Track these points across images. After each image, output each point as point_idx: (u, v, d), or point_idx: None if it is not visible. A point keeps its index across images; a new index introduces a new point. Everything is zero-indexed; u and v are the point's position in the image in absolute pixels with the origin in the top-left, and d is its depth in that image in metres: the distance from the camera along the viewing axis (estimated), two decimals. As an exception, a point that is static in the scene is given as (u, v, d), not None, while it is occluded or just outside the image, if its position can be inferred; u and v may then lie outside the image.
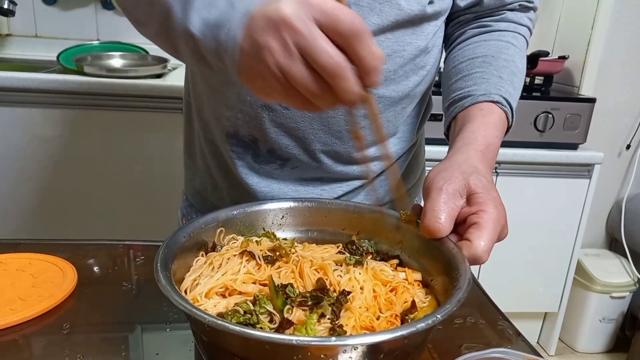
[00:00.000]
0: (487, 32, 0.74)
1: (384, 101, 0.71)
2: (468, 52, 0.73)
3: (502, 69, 0.69)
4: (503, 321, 0.61)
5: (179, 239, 0.53)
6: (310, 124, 0.69)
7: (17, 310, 0.55)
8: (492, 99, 0.66)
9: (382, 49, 0.59)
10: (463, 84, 0.70)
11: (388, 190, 0.80)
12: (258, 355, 0.42)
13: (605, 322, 2.02)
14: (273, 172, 0.75)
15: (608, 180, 2.12)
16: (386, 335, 0.40)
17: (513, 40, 0.73)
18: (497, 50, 0.71)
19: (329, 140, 0.70)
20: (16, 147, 1.57)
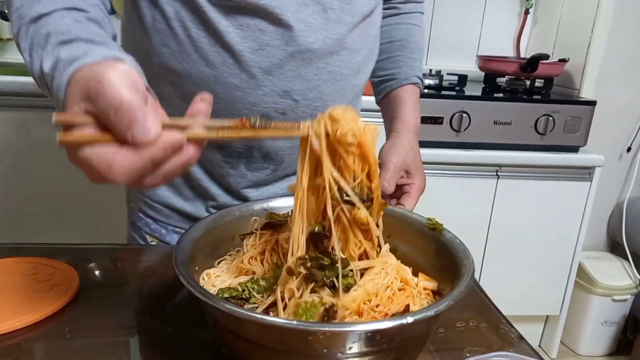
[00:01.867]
0: (397, 15, 0.92)
1: (355, 89, 0.77)
2: (385, 35, 0.89)
3: (413, 50, 0.90)
4: (505, 325, 0.61)
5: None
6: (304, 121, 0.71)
7: (20, 314, 0.55)
8: (411, 81, 0.88)
9: (356, 44, 0.70)
10: (388, 65, 0.89)
11: None
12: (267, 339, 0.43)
13: (607, 325, 2.01)
14: (264, 180, 0.77)
15: (609, 183, 2.12)
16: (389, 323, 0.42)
17: (416, 21, 0.93)
18: (407, 34, 0.91)
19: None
20: (17, 151, 1.58)
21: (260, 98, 0.69)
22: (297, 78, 0.69)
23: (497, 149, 1.73)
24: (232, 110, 0.70)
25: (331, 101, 0.73)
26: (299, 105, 0.71)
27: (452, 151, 1.70)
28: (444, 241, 0.57)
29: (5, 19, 1.82)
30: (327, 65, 0.70)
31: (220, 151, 0.74)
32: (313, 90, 0.71)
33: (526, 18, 2.16)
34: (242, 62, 0.66)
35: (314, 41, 0.67)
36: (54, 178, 1.61)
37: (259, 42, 0.66)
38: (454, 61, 2.18)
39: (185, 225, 0.81)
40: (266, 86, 0.68)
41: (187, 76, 0.68)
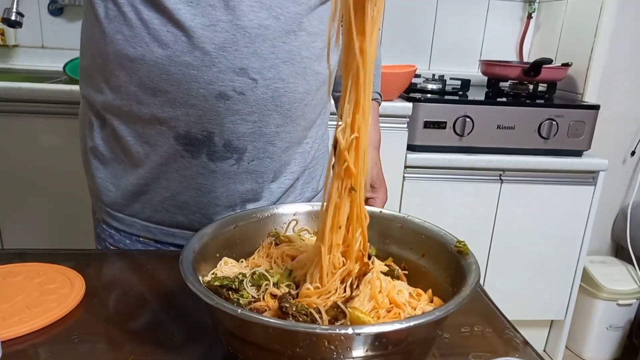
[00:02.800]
0: None
1: (318, 77, 0.76)
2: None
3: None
4: (510, 330, 0.61)
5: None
6: (264, 105, 0.71)
7: (26, 320, 0.55)
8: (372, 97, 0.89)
9: (314, 27, 0.71)
10: None
11: (321, 177, 0.90)
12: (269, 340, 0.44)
13: (613, 330, 2.00)
14: (229, 171, 0.74)
15: (613, 187, 2.12)
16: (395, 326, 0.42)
17: None
18: None
19: (282, 121, 0.74)
20: (22, 157, 1.58)
21: (215, 76, 0.67)
22: (252, 55, 0.68)
23: (501, 154, 1.73)
24: (188, 91, 0.68)
25: (292, 84, 0.72)
26: (257, 85, 0.69)
27: (455, 156, 1.70)
28: (464, 265, 0.55)
29: (12, 26, 1.83)
30: (283, 44, 0.69)
31: (178, 142, 0.72)
32: (271, 70, 0.69)
33: (529, 23, 2.17)
34: (194, 39, 0.66)
35: (266, 17, 0.67)
36: (58, 184, 1.62)
37: (210, 17, 0.65)
38: (456, 66, 2.18)
39: (148, 234, 0.79)
40: (221, 63, 0.67)
41: (142, 60, 0.68)
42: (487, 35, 2.20)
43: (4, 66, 1.99)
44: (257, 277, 0.53)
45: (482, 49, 2.21)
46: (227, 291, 0.52)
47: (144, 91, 0.70)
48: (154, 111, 0.71)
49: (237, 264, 0.59)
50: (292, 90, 0.72)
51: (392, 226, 0.65)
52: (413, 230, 0.63)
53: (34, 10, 1.96)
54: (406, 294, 0.53)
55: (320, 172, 0.89)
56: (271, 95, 0.71)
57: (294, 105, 0.74)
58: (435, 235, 0.61)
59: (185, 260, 0.51)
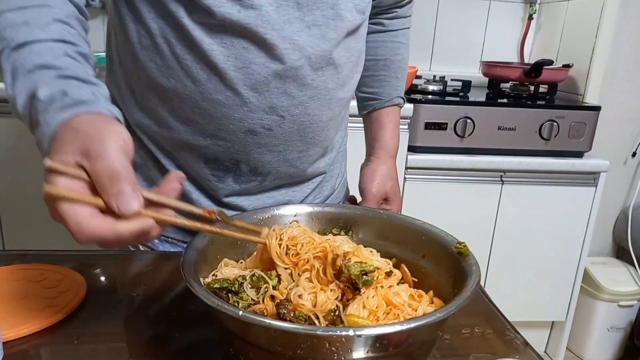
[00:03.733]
0: (384, 32, 0.94)
1: (342, 102, 0.78)
2: (371, 51, 0.92)
3: (397, 69, 0.94)
4: (511, 331, 0.61)
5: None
6: (290, 137, 0.73)
7: (28, 321, 0.55)
8: (393, 102, 0.94)
9: (341, 58, 0.72)
10: (372, 84, 0.94)
11: (338, 176, 0.91)
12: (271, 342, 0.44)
13: (614, 331, 2.00)
14: (252, 189, 0.78)
15: (614, 188, 2.12)
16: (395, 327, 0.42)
17: (403, 39, 0.96)
18: (393, 52, 0.94)
19: (304, 147, 0.76)
20: (25, 157, 1.59)
21: (246, 114, 0.69)
22: (282, 95, 0.69)
23: (502, 155, 1.73)
24: (219, 126, 0.70)
25: (317, 115, 0.73)
26: (285, 121, 0.71)
27: (456, 157, 1.71)
28: (464, 266, 0.55)
29: None
30: (312, 82, 0.70)
31: (207, 165, 0.75)
32: (299, 106, 0.71)
33: (530, 24, 2.17)
34: (226, 80, 0.66)
35: (298, 58, 0.67)
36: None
37: (243, 60, 0.66)
38: (457, 67, 2.19)
39: (176, 235, 0.81)
40: (252, 103, 0.68)
41: (174, 91, 0.69)
42: (488, 36, 2.20)
43: (5, 67, 2.00)
44: (257, 279, 0.54)
45: (483, 50, 2.21)
46: (226, 294, 0.52)
47: (175, 118, 0.72)
48: (183, 137, 0.73)
49: (237, 265, 0.60)
50: (317, 121, 0.74)
51: (393, 227, 0.65)
52: (413, 231, 0.63)
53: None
54: (404, 295, 0.53)
55: (338, 171, 0.90)
56: (297, 128, 0.72)
57: (317, 133, 0.76)
58: (436, 237, 0.61)
59: (186, 262, 0.51)
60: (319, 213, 0.68)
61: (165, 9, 0.64)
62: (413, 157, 1.69)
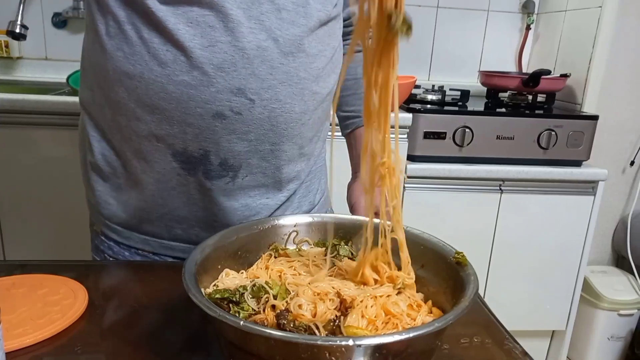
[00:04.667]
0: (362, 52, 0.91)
1: (316, 97, 0.77)
2: (351, 71, 0.93)
3: None
4: (510, 340, 0.61)
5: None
6: (261, 124, 0.72)
7: (29, 331, 0.56)
8: None
9: (313, 49, 0.72)
10: (354, 102, 0.95)
11: (318, 191, 0.90)
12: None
13: (614, 340, 2.00)
14: (224, 188, 0.75)
15: (613, 197, 2.12)
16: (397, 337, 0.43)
17: None
18: None
19: (277, 139, 0.74)
20: (26, 167, 1.59)
21: (213, 96, 0.68)
22: (250, 76, 0.68)
23: (500, 164, 1.74)
24: (185, 110, 0.69)
25: (289, 104, 0.72)
26: (254, 105, 0.70)
27: (455, 166, 1.71)
28: (463, 276, 0.55)
29: (16, 39, 1.86)
30: (281, 66, 0.70)
31: (175, 159, 0.73)
32: (269, 90, 0.70)
33: (527, 34, 2.19)
34: (193, 59, 0.66)
35: (265, 39, 0.68)
36: (61, 195, 1.63)
37: (209, 38, 0.66)
38: (456, 77, 2.20)
39: (147, 246, 0.80)
40: (219, 83, 0.67)
41: (140, 78, 0.68)
42: (486, 46, 2.22)
43: (8, 78, 2.01)
44: (257, 289, 0.54)
45: (481, 59, 2.23)
46: (227, 304, 0.53)
47: (142, 108, 0.71)
48: (151, 128, 0.71)
49: (238, 276, 0.60)
50: (288, 111, 0.73)
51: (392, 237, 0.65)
52: (412, 242, 0.63)
53: (37, 23, 1.98)
54: (403, 305, 0.53)
55: (317, 186, 0.89)
56: (268, 115, 0.71)
57: (290, 125, 0.74)
58: (434, 247, 0.62)
59: (187, 272, 0.51)
60: (319, 223, 0.69)
61: (133, 2, 0.66)
62: (412, 167, 1.70)
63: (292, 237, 0.67)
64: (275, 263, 0.62)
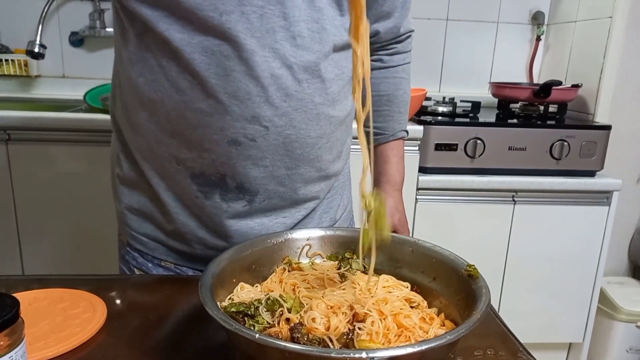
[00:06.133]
0: (385, 68, 0.95)
1: (333, 121, 0.76)
2: (373, 87, 0.93)
3: (400, 104, 0.97)
4: (523, 353, 0.61)
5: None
6: (276, 150, 0.72)
7: (50, 344, 0.57)
8: (397, 137, 0.97)
9: (329, 74, 0.72)
10: (376, 119, 0.96)
11: (339, 207, 0.90)
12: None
13: (633, 353, 1.96)
14: (241, 210, 0.76)
15: (628, 207, 2.10)
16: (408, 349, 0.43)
17: (404, 74, 0.97)
18: (394, 88, 0.96)
19: (292, 164, 0.75)
20: (44, 183, 1.63)
21: (228, 123, 0.69)
22: (264, 104, 0.69)
23: (513, 175, 1.73)
24: (202, 136, 0.70)
25: (304, 130, 0.72)
26: (269, 132, 0.70)
27: (467, 177, 1.71)
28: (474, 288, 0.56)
29: (35, 57, 1.91)
30: (296, 93, 0.70)
31: (193, 181, 0.75)
32: (283, 117, 0.70)
33: (538, 45, 2.19)
34: (208, 88, 0.67)
35: (278, 67, 0.68)
36: (78, 210, 1.66)
37: (223, 68, 0.67)
38: (467, 88, 2.21)
39: (170, 258, 0.82)
40: (234, 111, 0.68)
41: (161, 103, 0.70)
42: (496, 57, 2.22)
43: (26, 96, 2.06)
44: (272, 302, 0.55)
45: (492, 71, 2.24)
46: (243, 317, 0.54)
47: (163, 132, 0.73)
48: (171, 150, 0.74)
49: (253, 289, 0.61)
50: (304, 136, 0.73)
51: (404, 250, 0.66)
52: (424, 254, 0.64)
53: (55, 42, 2.03)
54: (415, 318, 0.54)
55: (339, 202, 0.89)
56: (282, 141, 0.72)
57: (307, 150, 0.75)
58: (446, 259, 0.62)
59: (203, 286, 0.53)
60: (331, 237, 0.70)
61: (150, 22, 0.67)
62: (424, 178, 1.70)
63: (305, 251, 0.68)
64: (289, 277, 0.63)
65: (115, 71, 0.79)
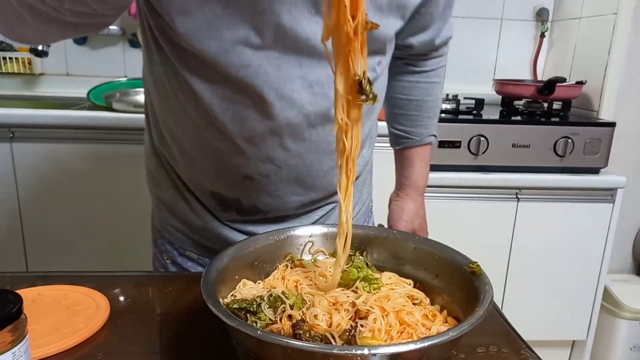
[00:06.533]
0: (418, 73, 0.92)
1: None
2: (405, 91, 0.92)
3: (429, 109, 0.93)
4: (526, 350, 0.61)
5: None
6: (288, 183, 0.75)
7: (53, 341, 0.58)
8: (425, 142, 0.95)
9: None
10: (404, 122, 0.94)
11: (357, 204, 0.91)
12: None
13: (637, 351, 1.96)
14: (256, 220, 0.80)
15: (632, 204, 2.09)
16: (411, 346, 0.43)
17: (437, 78, 0.94)
18: (425, 93, 0.92)
19: (304, 192, 0.77)
20: (48, 181, 1.63)
21: (243, 162, 0.72)
22: (278, 147, 0.71)
23: (517, 172, 1.73)
24: (218, 169, 0.74)
25: (317, 165, 0.74)
26: (282, 170, 0.73)
27: (471, 174, 1.71)
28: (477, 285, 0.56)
29: (39, 55, 1.91)
30: (310, 137, 0.71)
31: (212, 197, 0.79)
32: (296, 158, 0.72)
33: (542, 42, 2.18)
34: (224, 131, 0.70)
35: (295, 116, 0.68)
36: (82, 208, 1.66)
37: (240, 115, 0.68)
38: (470, 85, 2.20)
39: (195, 251, 0.85)
40: (248, 153, 0.71)
41: (182, 135, 0.74)
42: (500, 54, 2.21)
43: (30, 94, 2.07)
44: (274, 299, 0.55)
45: (495, 68, 2.23)
46: (245, 314, 0.54)
47: (184, 157, 0.77)
48: (192, 171, 0.78)
49: (255, 286, 0.61)
50: (316, 170, 0.75)
51: (407, 247, 0.66)
52: (427, 251, 0.64)
53: (59, 40, 2.03)
54: (418, 314, 0.54)
55: (356, 200, 0.89)
56: (295, 177, 0.74)
57: (318, 180, 0.77)
58: (449, 256, 0.62)
59: (206, 283, 0.53)
60: (334, 234, 0.69)
61: (174, 65, 0.68)
62: (427, 176, 1.69)
63: (308, 248, 0.68)
64: (292, 273, 0.63)
65: (149, 102, 0.82)
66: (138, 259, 1.69)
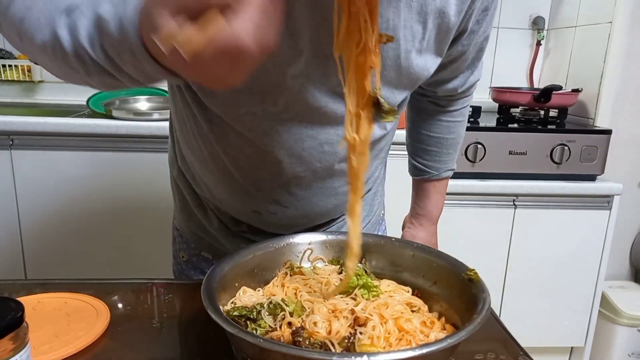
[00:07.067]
0: (442, 113, 0.90)
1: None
2: (425, 126, 0.92)
3: (449, 146, 0.93)
4: (523, 356, 0.61)
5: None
6: (295, 219, 0.77)
7: (54, 348, 0.58)
8: (442, 177, 0.96)
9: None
10: (422, 155, 0.94)
11: (366, 216, 0.91)
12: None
13: (634, 357, 1.96)
14: (265, 234, 0.82)
15: (629, 211, 2.10)
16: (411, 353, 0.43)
17: (460, 117, 0.92)
18: (448, 131, 0.91)
19: (311, 222, 0.80)
20: (47, 188, 1.64)
21: (251, 202, 0.75)
22: (286, 193, 0.73)
23: (514, 179, 1.74)
24: (228, 204, 0.78)
25: (322, 205, 0.76)
26: (289, 209, 0.75)
27: (468, 181, 1.72)
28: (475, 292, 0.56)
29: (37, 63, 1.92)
30: (316, 185, 0.73)
31: (226, 215, 0.82)
32: (302, 200, 0.74)
33: (538, 50, 2.20)
34: (234, 178, 0.73)
35: (303, 170, 0.70)
36: (81, 215, 1.66)
37: (250, 166, 0.71)
38: (467, 93, 2.21)
39: (210, 253, 0.88)
40: (257, 196, 0.74)
41: (201, 171, 0.78)
42: (497, 62, 2.23)
43: (29, 101, 2.08)
44: (274, 306, 0.55)
45: (492, 75, 2.24)
46: (245, 321, 0.54)
47: (199, 181, 0.80)
48: (206, 194, 0.81)
49: (255, 293, 0.62)
50: (322, 208, 0.77)
51: (405, 254, 0.67)
52: (424, 258, 0.65)
53: (58, 48, 2.04)
54: (416, 322, 0.54)
55: (367, 212, 0.90)
56: (301, 214, 0.77)
57: (324, 215, 0.80)
58: (446, 263, 0.63)
59: (206, 290, 0.53)
60: (333, 241, 0.70)
61: (192, 110, 0.70)
62: (425, 183, 1.70)
63: (307, 255, 0.69)
64: (291, 281, 0.63)
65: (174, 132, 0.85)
66: (137, 265, 1.69)
